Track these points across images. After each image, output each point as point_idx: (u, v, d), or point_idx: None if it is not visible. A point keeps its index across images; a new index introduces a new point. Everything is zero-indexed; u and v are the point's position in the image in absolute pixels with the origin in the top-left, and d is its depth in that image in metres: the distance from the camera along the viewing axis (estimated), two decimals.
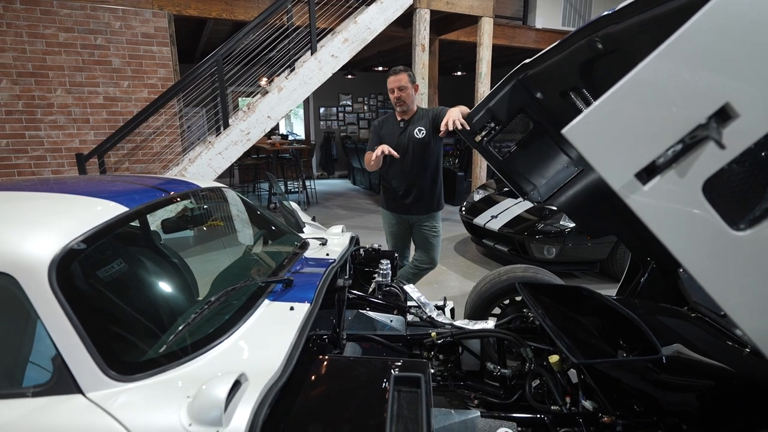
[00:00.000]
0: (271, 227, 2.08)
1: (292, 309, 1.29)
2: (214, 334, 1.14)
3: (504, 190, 4.53)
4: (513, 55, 7.87)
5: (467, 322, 1.76)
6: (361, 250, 2.23)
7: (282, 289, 1.41)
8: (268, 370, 1.00)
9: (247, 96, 6.96)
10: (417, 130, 2.56)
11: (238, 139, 4.20)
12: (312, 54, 4.38)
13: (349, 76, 9.74)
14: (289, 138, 10.26)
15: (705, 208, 0.80)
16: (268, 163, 7.54)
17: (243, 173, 8.82)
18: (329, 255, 1.80)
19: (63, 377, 0.95)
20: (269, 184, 7.12)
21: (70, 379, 0.94)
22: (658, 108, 0.77)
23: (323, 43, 4.46)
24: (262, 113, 4.24)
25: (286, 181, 7.49)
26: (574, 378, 1.50)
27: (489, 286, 2.20)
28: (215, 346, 1.11)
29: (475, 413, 1.27)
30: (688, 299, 1.72)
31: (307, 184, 7.53)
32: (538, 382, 1.58)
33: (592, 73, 1.38)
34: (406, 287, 1.96)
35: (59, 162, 4.45)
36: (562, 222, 3.65)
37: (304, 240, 1.98)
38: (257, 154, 7.86)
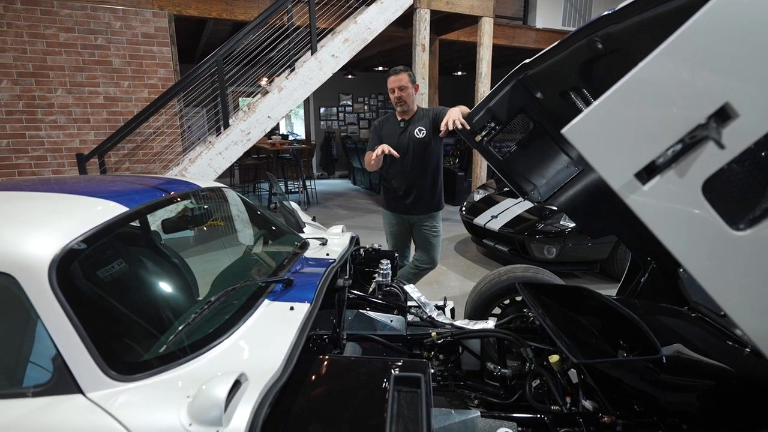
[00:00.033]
0: (272, 227, 2.08)
1: (292, 309, 1.29)
2: (214, 334, 1.14)
3: (504, 190, 4.53)
4: (513, 55, 7.87)
5: (467, 322, 1.76)
6: (361, 250, 2.23)
7: (282, 289, 1.42)
8: (268, 370, 1.00)
9: (247, 96, 6.96)
10: (417, 130, 2.56)
11: (239, 139, 4.20)
12: (312, 54, 4.39)
13: (349, 76, 9.74)
14: (289, 138, 10.27)
15: (705, 208, 0.80)
16: (269, 163, 7.54)
17: (243, 173, 8.83)
18: (329, 255, 1.80)
19: (63, 377, 0.95)
20: (269, 184, 7.12)
21: (70, 379, 0.94)
22: (657, 108, 0.77)
23: (323, 43, 4.46)
24: (262, 113, 4.24)
25: (287, 181, 7.49)
26: (574, 378, 1.50)
27: (489, 286, 2.20)
28: (215, 346, 1.11)
29: (475, 413, 1.28)
30: (688, 299, 1.72)
31: (308, 184, 7.53)
32: (538, 382, 1.58)
33: (592, 73, 1.38)
34: (406, 287, 1.96)
35: (60, 162, 4.46)
36: (563, 222, 3.65)
37: (305, 240, 1.98)
38: (257, 154, 7.86)
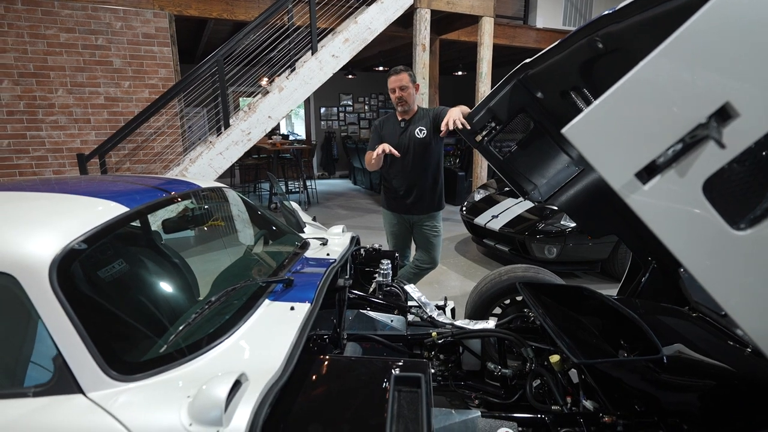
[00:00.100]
0: (272, 227, 2.08)
1: (292, 309, 1.29)
2: (215, 334, 1.14)
3: (505, 189, 4.53)
4: (514, 55, 7.86)
5: (468, 321, 1.76)
6: (361, 250, 2.23)
7: (282, 289, 1.42)
8: (268, 370, 1.00)
9: (248, 96, 6.97)
10: (418, 130, 2.56)
11: (239, 139, 4.21)
12: (313, 54, 4.39)
13: (349, 76, 9.74)
14: (289, 138, 10.27)
15: (705, 208, 0.80)
16: (269, 163, 7.54)
17: (244, 173, 8.83)
18: (330, 255, 1.80)
19: (64, 377, 0.95)
20: (270, 184, 7.12)
21: (70, 378, 0.95)
22: (658, 107, 0.77)
23: (324, 43, 4.46)
24: (262, 113, 4.24)
25: (287, 181, 7.50)
26: (574, 378, 1.50)
27: (490, 285, 2.20)
28: (216, 346, 1.11)
29: (476, 413, 1.28)
30: (689, 299, 1.72)
31: (308, 184, 7.53)
32: (538, 382, 1.58)
33: (593, 72, 1.38)
34: (406, 287, 1.96)
35: (60, 162, 4.46)
36: (563, 222, 3.65)
37: (305, 240, 1.98)
38: (258, 154, 7.86)
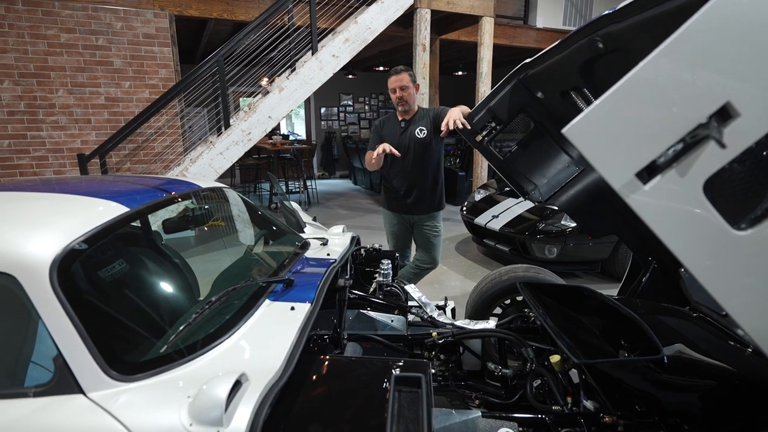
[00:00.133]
0: (272, 227, 2.08)
1: (292, 309, 1.29)
2: (215, 334, 1.14)
3: (505, 189, 4.53)
4: (514, 55, 7.86)
5: (468, 321, 1.76)
6: (362, 250, 2.23)
7: (283, 289, 1.42)
8: (268, 370, 1.00)
9: (248, 96, 6.97)
10: (418, 130, 2.56)
11: (240, 139, 4.21)
12: (313, 54, 4.39)
13: (350, 76, 9.75)
14: (290, 138, 10.28)
15: (706, 208, 0.80)
16: (269, 163, 7.54)
17: (244, 173, 8.83)
18: (330, 255, 1.80)
19: (64, 377, 0.95)
20: (270, 184, 7.12)
21: (71, 379, 0.95)
22: (658, 107, 0.77)
23: (324, 43, 4.46)
24: (263, 113, 4.24)
25: (287, 181, 7.50)
26: (575, 378, 1.50)
27: (490, 285, 2.20)
28: (216, 346, 1.11)
29: (476, 413, 1.27)
30: (689, 299, 1.72)
31: (308, 184, 7.53)
32: (539, 382, 1.57)
33: (593, 72, 1.38)
34: (407, 287, 1.96)
35: (61, 162, 4.47)
36: (563, 222, 3.65)
37: (305, 240, 1.98)
38: (258, 154, 7.86)
